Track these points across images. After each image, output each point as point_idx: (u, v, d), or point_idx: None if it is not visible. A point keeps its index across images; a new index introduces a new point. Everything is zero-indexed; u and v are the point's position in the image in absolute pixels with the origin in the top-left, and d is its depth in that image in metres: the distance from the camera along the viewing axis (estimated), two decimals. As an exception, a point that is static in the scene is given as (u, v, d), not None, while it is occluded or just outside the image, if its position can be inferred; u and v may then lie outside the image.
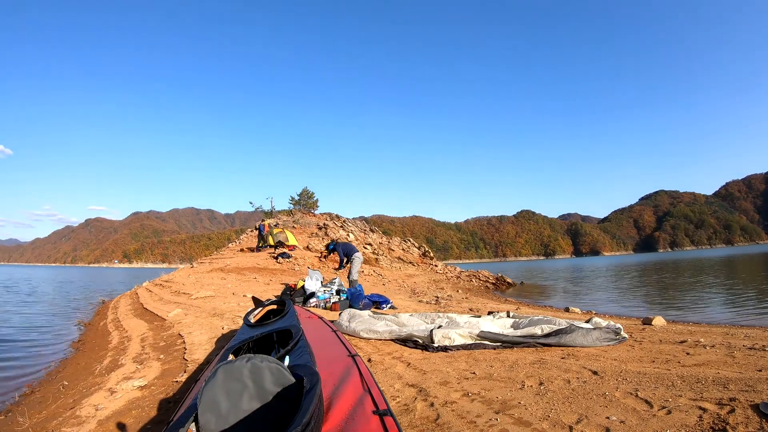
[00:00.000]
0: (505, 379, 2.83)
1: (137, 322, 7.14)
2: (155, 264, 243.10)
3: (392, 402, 2.57)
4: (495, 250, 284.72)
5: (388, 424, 1.27)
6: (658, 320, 5.24)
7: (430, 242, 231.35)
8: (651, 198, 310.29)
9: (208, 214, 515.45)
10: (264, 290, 9.53)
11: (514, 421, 2.14)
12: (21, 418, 3.16)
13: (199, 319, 6.12)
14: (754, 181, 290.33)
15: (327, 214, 31.40)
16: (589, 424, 2.04)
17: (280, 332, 2.51)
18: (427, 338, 4.02)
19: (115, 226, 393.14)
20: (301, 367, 1.57)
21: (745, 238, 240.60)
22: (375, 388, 1.57)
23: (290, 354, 1.93)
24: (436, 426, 2.17)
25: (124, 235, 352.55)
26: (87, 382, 3.96)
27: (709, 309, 8.44)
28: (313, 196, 31.46)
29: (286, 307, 2.96)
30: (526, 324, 4.37)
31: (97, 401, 3.18)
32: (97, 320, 9.07)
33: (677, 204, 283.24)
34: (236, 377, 1.45)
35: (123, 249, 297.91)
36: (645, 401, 2.25)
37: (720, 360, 3.08)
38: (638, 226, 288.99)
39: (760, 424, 1.86)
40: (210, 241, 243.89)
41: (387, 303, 7.23)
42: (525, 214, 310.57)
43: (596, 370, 2.88)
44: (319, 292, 7.42)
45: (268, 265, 15.15)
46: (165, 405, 2.91)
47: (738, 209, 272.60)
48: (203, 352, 4.23)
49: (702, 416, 2.00)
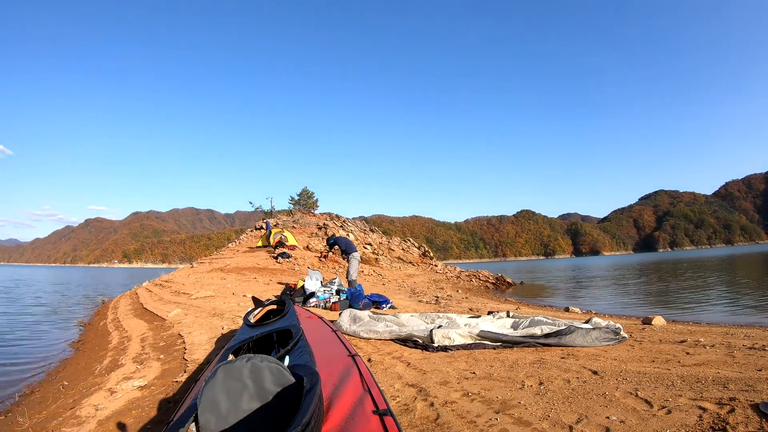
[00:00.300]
0: (505, 379, 2.83)
1: (137, 322, 7.14)
2: (155, 264, 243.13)
3: (392, 402, 2.57)
4: (495, 250, 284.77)
5: (388, 424, 1.27)
6: (657, 320, 5.24)
7: (429, 242, 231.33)
8: (651, 198, 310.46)
9: (207, 214, 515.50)
10: (264, 290, 9.53)
11: (514, 421, 2.14)
12: (21, 418, 3.16)
13: (199, 319, 6.12)
14: (754, 181, 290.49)
15: (327, 214, 31.40)
16: (589, 423, 2.04)
17: (280, 332, 2.51)
18: (427, 338, 4.02)
19: (115, 226, 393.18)
20: (301, 367, 1.57)
21: (744, 238, 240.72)
22: (375, 387, 1.57)
23: (290, 354, 1.93)
24: (436, 426, 2.17)
25: (124, 235, 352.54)
26: (87, 382, 3.96)
27: (709, 309, 8.44)
28: (312, 195, 31.46)
29: (286, 307, 2.96)
30: (526, 324, 4.37)
31: (97, 401, 3.18)
32: (97, 320, 9.07)
33: (677, 204, 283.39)
34: (236, 377, 1.45)
35: (123, 249, 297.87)
36: (645, 401, 2.25)
37: (720, 360, 3.08)
38: (638, 226, 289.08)
39: (760, 424, 1.86)
40: (210, 241, 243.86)
41: (387, 303, 7.23)
42: (525, 213, 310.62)
43: (596, 370, 2.88)
44: (319, 292, 7.42)
45: (267, 265, 15.15)
46: (165, 405, 2.91)
47: (738, 209, 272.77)
48: (203, 352, 4.23)
49: (702, 416, 2.00)
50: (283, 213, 30.00)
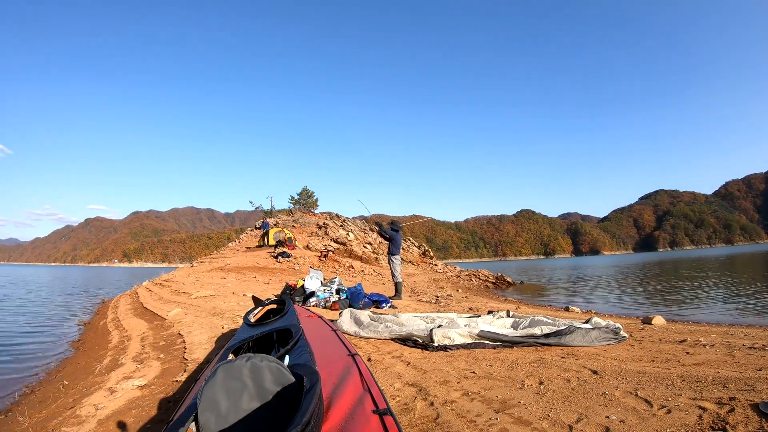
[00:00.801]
0: (504, 379, 2.83)
1: (137, 321, 7.14)
2: (155, 263, 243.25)
3: (392, 401, 2.57)
4: (495, 249, 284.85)
5: (388, 424, 1.27)
6: (657, 320, 5.24)
7: (429, 241, 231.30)
8: (651, 197, 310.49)
9: (207, 213, 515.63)
10: (264, 289, 9.53)
11: (513, 421, 2.14)
12: (21, 418, 3.17)
13: (199, 319, 6.12)
14: (754, 181, 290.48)
15: (327, 213, 31.41)
16: (589, 423, 2.04)
17: (280, 331, 2.51)
18: (427, 338, 4.02)
19: (115, 226, 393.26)
20: (301, 367, 1.57)
21: (744, 238, 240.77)
22: (375, 387, 1.57)
23: (290, 353, 1.93)
24: (436, 425, 2.17)
25: (124, 234, 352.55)
26: (87, 382, 3.96)
27: (709, 308, 8.44)
28: (312, 195, 31.48)
29: (286, 307, 2.96)
30: (526, 324, 4.38)
31: (97, 401, 3.18)
32: (97, 320, 9.08)
33: (677, 203, 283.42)
34: (236, 376, 1.45)
35: (123, 248, 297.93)
36: (645, 400, 2.25)
37: (720, 359, 3.08)
38: (638, 226, 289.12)
39: (759, 424, 1.86)
40: (210, 240, 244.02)
41: (386, 302, 7.23)
42: (525, 213, 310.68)
43: (596, 370, 2.88)
44: (319, 292, 7.42)
45: (267, 264, 15.16)
46: (165, 404, 2.91)
47: (738, 209, 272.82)
48: (203, 352, 4.23)
49: (702, 415, 2.00)
50: (283, 212, 30.01)
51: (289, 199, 31.63)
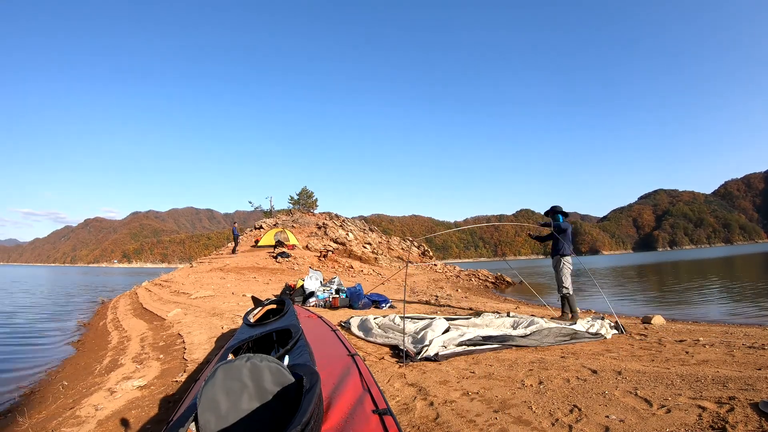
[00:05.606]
0: (504, 378, 2.83)
1: (137, 321, 7.14)
2: (154, 264, 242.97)
3: (392, 401, 2.57)
4: (494, 249, 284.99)
5: (387, 424, 1.27)
6: (657, 319, 5.25)
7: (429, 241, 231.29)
8: (650, 197, 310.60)
9: (207, 213, 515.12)
10: (263, 290, 9.53)
11: (513, 420, 2.14)
12: (21, 418, 3.16)
13: (198, 319, 6.12)
14: (753, 180, 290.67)
15: (326, 213, 31.41)
16: (589, 422, 2.04)
17: (279, 332, 2.51)
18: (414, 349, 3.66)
19: (115, 226, 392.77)
20: (301, 367, 1.57)
21: (744, 237, 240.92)
22: (374, 387, 1.57)
23: (290, 353, 1.93)
24: (436, 425, 2.17)
25: (124, 234, 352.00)
26: (87, 382, 3.96)
27: (709, 308, 8.44)
28: (312, 195, 31.48)
29: (286, 307, 2.96)
30: (525, 324, 4.39)
31: (96, 401, 3.18)
32: (96, 320, 9.06)
33: (676, 203, 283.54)
34: (236, 377, 1.45)
35: (122, 249, 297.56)
36: (644, 400, 2.25)
37: (719, 359, 3.08)
38: (637, 225, 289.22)
39: (759, 423, 1.86)
40: (209, 240, 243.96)
41: (386, 302, 7.23)
42: (524, 213, 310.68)
43: (596, 369, 2.89)
44: (319, 292, 7.42)
45: (267, 264, 15.15)
46: (165, 404, 2.91)
47: (737, 208, 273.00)
48: (203, 352, 4.23)
49: (701, 415, 2.00)
50: (283, 212, 30.01)
51: (289, 199, 31.64)
